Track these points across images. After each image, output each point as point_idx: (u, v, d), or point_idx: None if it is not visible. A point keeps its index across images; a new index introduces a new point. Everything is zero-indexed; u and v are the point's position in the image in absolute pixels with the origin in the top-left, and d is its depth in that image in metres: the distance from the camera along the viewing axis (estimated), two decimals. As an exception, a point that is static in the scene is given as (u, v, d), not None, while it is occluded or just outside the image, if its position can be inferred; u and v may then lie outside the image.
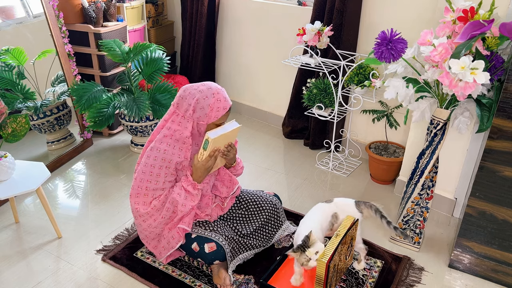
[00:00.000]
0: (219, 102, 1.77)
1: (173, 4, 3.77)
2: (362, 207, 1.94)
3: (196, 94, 1.76)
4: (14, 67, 2.61)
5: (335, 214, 1.94)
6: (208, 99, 1.75)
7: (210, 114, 1.76)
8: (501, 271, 1.94)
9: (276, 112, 3.46)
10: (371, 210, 1.93)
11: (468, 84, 1.59)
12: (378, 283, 1.93)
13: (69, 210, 2.41)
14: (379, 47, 1.76)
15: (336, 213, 1.94)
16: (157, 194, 1.82)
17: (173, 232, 1.90)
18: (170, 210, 1.84)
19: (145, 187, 1.80)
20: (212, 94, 1.76)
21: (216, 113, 1.77)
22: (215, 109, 1.76)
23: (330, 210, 1.95)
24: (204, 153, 1.78)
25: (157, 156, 1.78)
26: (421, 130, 2.37)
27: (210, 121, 1.79)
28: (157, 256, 1.97)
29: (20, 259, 2.04)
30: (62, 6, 2.79)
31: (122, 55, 2.78)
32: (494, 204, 1.84)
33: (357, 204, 1.95)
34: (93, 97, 2.71)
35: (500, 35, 1.69)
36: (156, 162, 1.78)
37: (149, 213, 1.83)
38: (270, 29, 3.22)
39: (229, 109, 1.81)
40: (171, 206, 1.83)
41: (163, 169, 1.78)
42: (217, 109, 1.77)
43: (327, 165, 2.91)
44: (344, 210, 1.94)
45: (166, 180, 1.81)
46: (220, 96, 1.77)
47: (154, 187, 1.80)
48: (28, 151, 2.84)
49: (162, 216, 1.84)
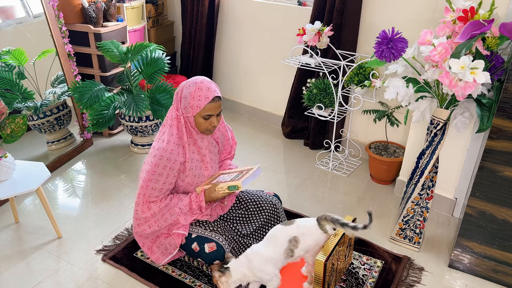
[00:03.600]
0: (200, 91, 1.74)
1: (173, 4, 3.77)
2: (323, 223, 1.71)
3: (183, 85, 1.79)
4: (14, 67, 2.61)
5: (295, 238, 1.70)
6: (190, 87, 1.76)
7: (192, 103, 1.75)
8: (501, 271, 1.94)
9: (276, 112, 3.46)
10: (329, 222, 1.69)
11: (468, 84, 1.59)
12: (378, 283, 1.93)
13: (69, 210, 2.41)
14: (379, 46, 1.76)
15: (296, 237, 1.70)
16: (154, 194, 1.83)
17: (169, 239, 1.92)
18: (168, 222, 1.85)
19: (145, 186, 1.81)
20: (195, 83, 1.76)
21: (198, 102, 1.74)
22: (196, 98, 1.74)
23: (288, 234, 1.71)
24: (225, 191, 1.85)
25: (163, 156, 1.79)
26: (421, 130, 2.37)
27: (195, 112, 1.76)
28: (156, 261, 1.98)
29: (20, 259, 2.04)
30: (62, 6, 2.79)
31: (120, 55, 2.78)
32: (494, 204, 1.84)
33: (318, 222, 1.72)
34: (95, 95, 2.71)
35: (500, 35, 1.69)
36: (161, 162, 1.79)
37: (146, 218, 1.84)
38: (270, 29, 3.22)
39: (214, 99, 1.75)
40: (170, 218, 1.84)
41: (166, 169, 1.79)
42: (198, 98, 1.74)
43: (327, 165, 2.91)
44: (306, 233, 1.72)
45: (166, 181, 1.81)
46: (202, 85, 1.75)
47: (153, 186, 1.81)
48: (28, 151, 2.84)
49: (158, 225, 1.86)
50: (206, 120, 1.79)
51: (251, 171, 1.92)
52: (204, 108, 1.75)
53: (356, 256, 2.09)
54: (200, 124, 1.80)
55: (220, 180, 1.94)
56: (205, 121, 1.79)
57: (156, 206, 1.83)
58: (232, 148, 2.15)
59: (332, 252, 1.69)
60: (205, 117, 1.78)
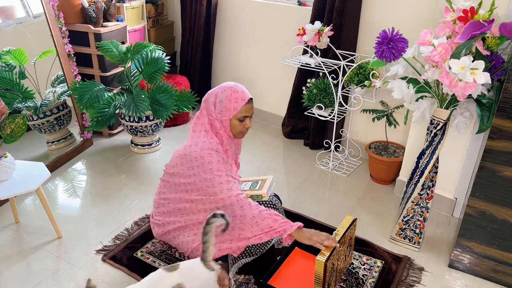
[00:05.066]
0: (236, 93, 1.80)
1: (173, 4, 3.77)
2: (211, 262, 1.55)
3: (216, 90, 1.84)
4: (15, 67, 2.61)
5: (180, 285, 1.49)
6: (225, 91, 1.81)
7: (229, 106, 1.80)
8: (501, 271, 1.94)
9: (276, 112, 3.46)
10: (215, 263, 1.57)
11: (468, 84, 1.59)
12: (378, 283, 1.93)
13: (69, 210, 2.41)
14: (380, 46, 1.77)
15: (181, 284, 1.49)
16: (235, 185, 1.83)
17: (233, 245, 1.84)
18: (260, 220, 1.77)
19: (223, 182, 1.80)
20: (230, 87, 1.82)
21: (235, 104, 1.80)
22: (233, 100, 1.79)
23: (171, 282, 1.50)
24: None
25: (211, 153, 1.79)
26: (421, 130, 2.37)
27: (231, 115, 1.81)
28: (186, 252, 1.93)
29: (20, 259, 2.04)
30: (62, 6, 2.79)
31: (119, 55, 2.78)
32: (494, 204, 1.84)
33: (203, 261, 1.55)
34: (95, 95, 2.71)
35: (500, 35, 1.69)
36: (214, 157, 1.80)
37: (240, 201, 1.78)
38: (270, 29, 3.22)
39: (249, 101, 1.82)
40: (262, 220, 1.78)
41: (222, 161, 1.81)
42: (235, 100, 1.80)
43: (327, 165, 2.91)
44: (192, 276, 1.52)
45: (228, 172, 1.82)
46: (237, 88, 1.82)
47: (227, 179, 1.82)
48: (28, 151, 2.84)
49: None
50: (241, 122, 1.84)
51: (268, 181, 1.98)
52: (240, 110, 1.81)
53: (356, 256, 2.09)
54: (235, 127, 1.84)
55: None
56: (240, 124, 1.84)
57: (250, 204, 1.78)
58: (238, 156, 2.16)
59: (333, 252, 1.69)
60: (240, 119, 1.83)
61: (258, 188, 1.93)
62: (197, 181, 1.79)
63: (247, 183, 2.01)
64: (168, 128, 3.41)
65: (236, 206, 1.76)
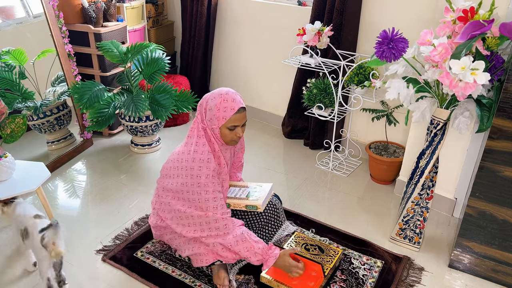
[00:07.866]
0: (226, 102, 1.75)
1: (173, 4, 3.77)
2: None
3: (208, 96, 1.81)
4: (15, 67, 2.61)
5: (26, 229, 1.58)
6: (215, 99, 1.77)
7: (218, 115, 1.76)
8: (501, 271, 1.94)
9: (276, 112, 3.46)
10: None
11: (468, 84, 1.59)
12: (378, 283, 1.93)
13: (69, 210, 2.41)
14: (380, 46, 1.76)
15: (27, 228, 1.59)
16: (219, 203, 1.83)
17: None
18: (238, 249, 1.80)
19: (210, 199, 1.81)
20: (220, 95, 1.77)
21: (224, 114, 1.75)
22: (222, 109, 1.75)
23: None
24: (240, 208, 1.93)
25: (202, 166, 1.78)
26: (421, 130, 2.37)
27: (220, 124, 1.77)
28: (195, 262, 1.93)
29: (20, 259, 2.04)
30: (62, 6, 2.79)
31: (120, 55, 2.78)
32: (494, 204, 1.84)
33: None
34: (95, 95, 2.71)
35: (500, 35, 1.69)
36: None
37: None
38: (270, 29, 3.22)
39: (239, 110, 1.77)
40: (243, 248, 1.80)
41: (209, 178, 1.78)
42: (224, 109, 1.75)
43: (327, 165, 2.91)
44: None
45: (215, 189, 1.80)
46: (227, 96, 1.76)
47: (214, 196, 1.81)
48: (28, 151, 2.84)
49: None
50: (231, 131, 1.79)
51: (265, 190, 1.97)
52: (229, 119, 1.76)
53: (356, 256, 2.09)
54: (226, 135, 1.80)
55: (230, 193, 1.98)
56: (231, 132, 1.79)
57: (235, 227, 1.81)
58: (242, 155, 2.16)
59: None
60: (230, 128, 1.78)
61: (254, 198, 1.92)
62: (185, 191, 1.79)
63: (245, 189, 2.01)
64: (168, 128, 3.41)
65: (220, 223, 1.79)
